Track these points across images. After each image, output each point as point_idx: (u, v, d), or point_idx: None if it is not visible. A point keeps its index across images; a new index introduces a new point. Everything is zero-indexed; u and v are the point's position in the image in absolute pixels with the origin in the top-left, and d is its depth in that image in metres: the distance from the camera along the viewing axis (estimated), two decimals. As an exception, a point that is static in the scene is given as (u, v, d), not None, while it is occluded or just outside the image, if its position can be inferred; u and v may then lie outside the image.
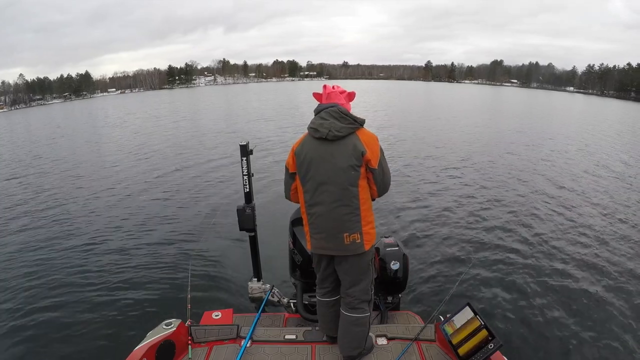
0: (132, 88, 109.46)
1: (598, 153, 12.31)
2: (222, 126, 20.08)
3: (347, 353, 1.93)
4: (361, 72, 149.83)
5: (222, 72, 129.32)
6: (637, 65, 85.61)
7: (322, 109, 1.85)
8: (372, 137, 1.81)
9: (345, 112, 1.80)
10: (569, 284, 4.32)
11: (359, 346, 1.94)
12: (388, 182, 1.88)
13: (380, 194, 1.87)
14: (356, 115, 1.82)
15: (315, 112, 1.87)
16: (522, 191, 7.85)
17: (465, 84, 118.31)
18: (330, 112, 1.80)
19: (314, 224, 1.85)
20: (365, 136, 1.78)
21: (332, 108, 1.81)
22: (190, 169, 10.57)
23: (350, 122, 1.77)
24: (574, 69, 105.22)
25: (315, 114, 1.87)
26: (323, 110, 1.83)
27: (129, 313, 3.88)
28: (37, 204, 8.29)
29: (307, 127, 1.85)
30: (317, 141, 1.80)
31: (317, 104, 1.92)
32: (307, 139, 1.86)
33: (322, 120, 1.80)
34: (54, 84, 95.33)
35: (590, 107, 41.29)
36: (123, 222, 6.65)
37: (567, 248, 5.22)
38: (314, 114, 1.88)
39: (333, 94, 1.87)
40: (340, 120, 1.77)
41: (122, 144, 15.82)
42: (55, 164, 12.70)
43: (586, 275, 4.50)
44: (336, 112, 1.79)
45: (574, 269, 4.65)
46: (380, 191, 1.86)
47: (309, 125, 1.84)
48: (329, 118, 1.78)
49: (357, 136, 1.77)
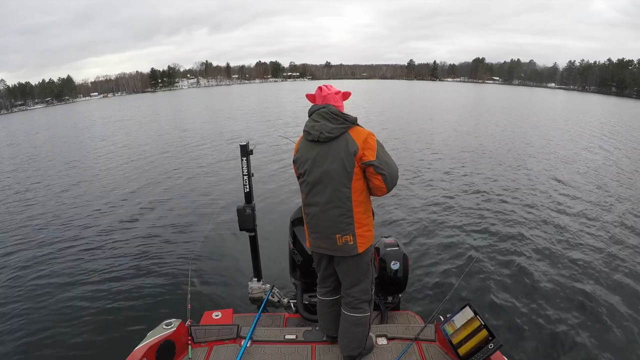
0: (114, 92, 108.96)
1: (595, 149, 12.33)
2: (220, 127, 20.11)
3: (348, 353, 1.93)
4: (344, 72, 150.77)
5: (205, 75, 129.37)
6: (617, 61, 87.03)
7: (314, 110, 1.86)
8: (365, 132, 1.76)
9: (337, 112, 1.78)
10: (569, 284, 4.32)
11: (360, 346, 1.94)
12: (395, 174, 1.80)
13: (389, 187, 1.77)
14: (348, 114, 1.81)
15: (309, 114, 1.88)
16: (522, 191, 7.85)
17: (448, 82, 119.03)
18: (322, 113, 1.80)
19: (310, 224, 1.88)
20: (356, 133, 1.75)
21: (323, 109, 1.81)
22: (190, 170, 10.57)
23: (341, 122, 1.76)
24: (556, 65, 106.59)
25: (309, 116, 1.88)
26: (315, 112, 1.84)
27: (129, 313, 3.89)
28: (37, 204, 8.30)
29: (303, 130, 1.87)
30: (310, 143, 1.82)
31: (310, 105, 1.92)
32: (302, 142, 1.88)
33: (313, 122, 1.80)
34: (36, 88, 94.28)
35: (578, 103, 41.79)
36: (123, 222, 6.66)
37: (567, 248, 5.22)
38: (308, 115, 1.89)
39: (329, 95, 1.86)
40: (332, 121, 1.76)
41: (118, 146, 15.83)
42: (55, 164, 12.72)
43: (586, 276, 4.50)
44: (327, 113, 1.78)
45: (574, 268, 4.65)
46: (389, 184, 1.76)
47: (303, 128, 1.86)
48: (320, 120, 1.79)
49: (349, 134, 1.75)
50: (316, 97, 1.90)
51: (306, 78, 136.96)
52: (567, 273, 4.54)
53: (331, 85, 1.92)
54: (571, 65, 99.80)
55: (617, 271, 4.59)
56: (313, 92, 1.93)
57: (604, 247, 5.25)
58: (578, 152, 11.99)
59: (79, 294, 4.35)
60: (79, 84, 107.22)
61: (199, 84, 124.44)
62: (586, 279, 4.42)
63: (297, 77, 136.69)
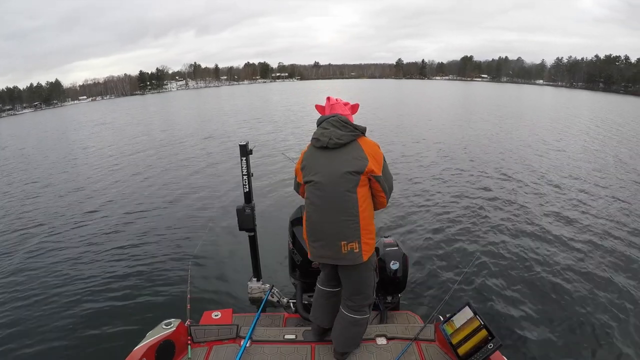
0: (103, 95, 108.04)
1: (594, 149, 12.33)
2: (220, 127, 20.10)
3: (343, 350, 1.95)
4: (332, 72, 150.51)
5: (194, 76, 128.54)
6: (604, 57, 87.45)
7: (323, 119, 1.90)
8: (374, 145, 1.83)
9: (346, 121, 1.83)
10: (569, 284, 4.32)
11: (355, 344, 1.99)
12: (391, 186, 1.91)
13: (388, 199, 1.90)
14: (357, 124, 1.86)
15: (317, 124, 1.93)
16: (522, 191, 7.84)
17: (436, 80, 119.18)
18: (331, 121, 1.84)
19: (313, 231, 1.85)
20: (367, 145, 1.81)
21: (333, 118, 1.86)
22: (190, 170, 10.57)
23: (351, 130, 1.81)
24: (543, 62, 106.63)
25: (317, 125, 1.92)
26: (324, 121, 1.88)
27: (129, 313, 3.89)
28: (37, 204, 8.30)
29: (311, 138, 1.90)
30: (319, 150, 1.84)
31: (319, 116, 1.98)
32: (310, 151, 1.90)
33: (323, 129, 1.84)
34: (24, 93, 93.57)
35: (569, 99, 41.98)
36: (122, 223, 6.66)
37: (567, 248, 5.22)
38: (316, 125, 1.93)
39: (337, 105, 1.93)
40: (341, 129, 1.80)
41: (116, 149, 15.82)
42: (54, 166, 12.71)
43: (587, 276, 4.49)
44: (337, 121, 1.83)
45: (574, 268, 4.65)
46: (388, 196, 1.88)
47: (312, 137, 1.89)
48: (329, 127, 1.83)
49: (359, 144, 1.79)
50: (325, 107, 1.98)
51: (295, 78, 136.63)
52: (567, 273, 4.54)
53: (340, 98, 2.01)
54: (559, 62, 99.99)
55: (618, 271, 4.59)
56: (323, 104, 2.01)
57: (605, 247, 5.24)
58: (578, 150, 11.99)
59: (79, 294, 4.34)
60: (68, 88, 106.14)
61: (188, 86, 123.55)
62: (586, 279, 4.41)
63: (286, 78, 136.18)
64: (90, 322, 3.77)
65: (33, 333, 3.66)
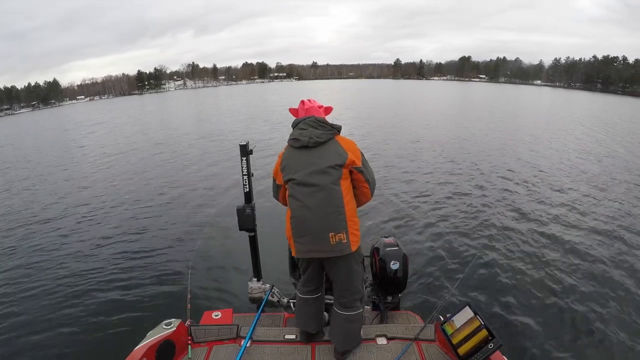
0: (100, 95, 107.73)
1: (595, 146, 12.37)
2: (219, 127, 20.09)
3: (344, 348, 1.95)
4: (330, 72, 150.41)
5: (192, 76, 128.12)
6: (602, 58, 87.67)
7: (299, 121, 1.95)
8: (351, 142, 1.92)
9: (323, 121, 1.91)
10: (569, 284, 4.33)
11: (355, 340, 1.99)
12: (375, 181, 1.99)
13: (372, 193, 1.98)
14: (333, 123, 1.93)
15: (293, 126, 1.97)
16: (522, 191, 7.86)
17: (434, 80, 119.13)
18: (308, 122, 1.90)
19: (299, 227, 1.86)
20: (344, 142, 1.89)
21: (309, 119, 1.92)
22: (190, 170, 10.56)
23: (328, 129, 1.88)
24: (541, 62, 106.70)
25: (293, 127, 1.96)
26: (301, 122, 1.93)
27: (129, 313, 3.88)
28: (37, 205, 8.28)
29: (288, 139, 1.94)
30: (298, 150, 1.88)
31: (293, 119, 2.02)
32: (289, 151, 1.93)
33: (301, 130, 1.89)
34: (22, 92, 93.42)
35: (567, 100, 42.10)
36: (122, 223, 6.65)
37: (567, 248, 5.23)
38: (292, 127, 1.97)
39: (312, 109, 1.99)
40: (319, 128, 1.87)
41: (116, 148, 15.79)
42: (52, 168, 12.68)
43: (587, 275, 4.51)
44: (313, 121, 1.90)
45: (575, 268, 4.66)
46: (372, 187, 1.96)
47: (289, 138, 1.93)
48: (307, 127, 1.88)
49: (337, 141, 1.87)
50: (299, 110, 2.02)
51: (293, 78, 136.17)
52: (567, 273, 4.55)
53: (314, 99, 2.07)
54: (557, 63, 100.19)
55: (619, 271, 4.60)
56: (296, 107, 2.06)
57: (605, 246, 5.26)
58: (579, 150, 12.02)
59: (79, 293, 4.34)
60: (65, 88, 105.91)
61: (186, 86, 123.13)
62: (587, 279, 4.43)
63: (284, 78, 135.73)
64: (90, 323, 3.76)
65: (33, 334, 3.65)
